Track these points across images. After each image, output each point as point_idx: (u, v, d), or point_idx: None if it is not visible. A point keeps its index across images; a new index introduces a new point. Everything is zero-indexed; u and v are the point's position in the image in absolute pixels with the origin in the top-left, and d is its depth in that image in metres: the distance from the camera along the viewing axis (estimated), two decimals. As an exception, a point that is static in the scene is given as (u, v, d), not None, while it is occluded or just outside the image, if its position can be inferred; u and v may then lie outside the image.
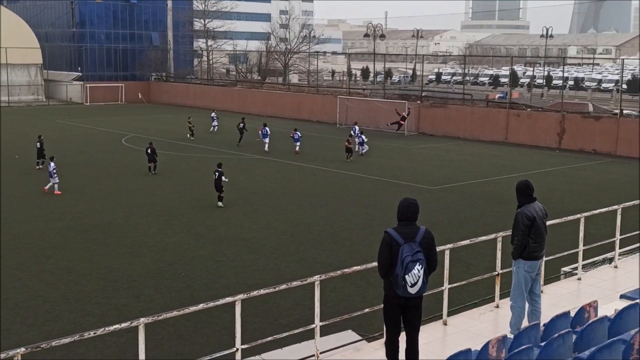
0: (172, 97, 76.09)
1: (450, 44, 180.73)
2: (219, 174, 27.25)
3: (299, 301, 16.54)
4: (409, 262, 7.38)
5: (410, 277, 7.40)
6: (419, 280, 7.44)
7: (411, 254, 7.41)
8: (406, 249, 7.43)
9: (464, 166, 38.11)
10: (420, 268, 7.43)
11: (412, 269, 7.39)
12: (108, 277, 18.83)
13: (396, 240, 7.50)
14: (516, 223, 9.20)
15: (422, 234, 7.56)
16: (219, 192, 27.33)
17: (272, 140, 43.18)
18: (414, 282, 7.42)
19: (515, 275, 9.29)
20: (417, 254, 7.43)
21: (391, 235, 7.55)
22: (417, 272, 7.41)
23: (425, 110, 53.01)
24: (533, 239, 9.09)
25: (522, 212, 9.14)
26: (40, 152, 34.90)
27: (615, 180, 34.59)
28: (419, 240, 7.51)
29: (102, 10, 79.89)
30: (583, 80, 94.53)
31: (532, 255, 9.13)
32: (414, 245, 7.45)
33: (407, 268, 7.39)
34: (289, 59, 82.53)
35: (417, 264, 7.41)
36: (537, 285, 9.40)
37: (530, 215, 9.05)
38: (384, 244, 7.60)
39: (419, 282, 7.44)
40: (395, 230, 7.58)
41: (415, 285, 7.44)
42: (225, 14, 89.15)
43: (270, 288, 8.61)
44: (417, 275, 7.41)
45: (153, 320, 7.14)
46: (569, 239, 14.37)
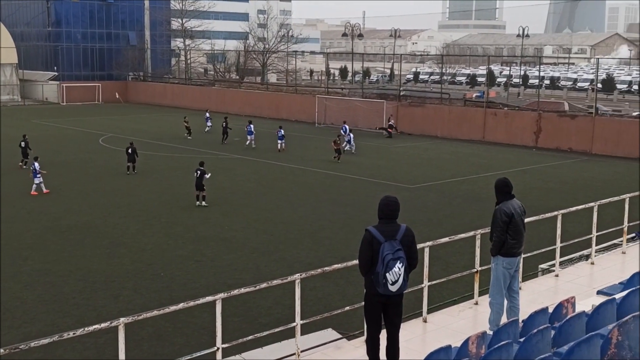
0: (150, 97, 75.66)
1: (428, 43, 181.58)
2: (200, 172, 27.07)
3: (279, 300, 16.53)
4: (389, 260, 7.38)
5: (391, 275, 7.40)
6: (400, 278, 7.44)
7: (392, 252, 7.41)
8: (387, 247, 7.43)
9: (442, 165, 38.31)
10: (401, 266, 7.43)
11: (393, 267, 7.39)
12: (86, 278, 18.69)
13: (377, 238, 7.49)
14: (494, 219, 9.27)
15: (402, 232, 7.56)
16: (200, 190, 27.17)
17: (245, 141, 43.20)
18: (395, 280, 7.42)
19: (494, 271, 9.36)
20: (397, 252, 7.43)
21: (372, 233, 7.55)
22: (398, 270, 7.41)
23: (404, 110, 53.20)
24: (511, 235, 9.16)
25: (500, 208, 9.21)
26: (24, 151, 34.79)
27: (591, 178, 34.97)
28: (399, 238, 7.50)
29: (78, 10, 79.19)
30: (559, 79, 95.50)
31: (510, 252, 9.20)
32: (395, 244, 7.45)
33: (388, 266, 7.39)
34: (267, 59, 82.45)
35: (398, 262, 7.41)
36: (515, 282, 9.47)
37: (509, 212, 9.12)
38: (364, 242, 7.59)
39: (399, 280, 7.44)
40: (376, 229, 7.58)
41: (396, 283, 7.45)
42: (203, 14, 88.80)
43: (250, 287, 8.60)
44: (398, 274, 7.42)
45: (133, 320, 7.10)
46: (546, 237, 14.53)
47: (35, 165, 29.13)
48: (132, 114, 64.86)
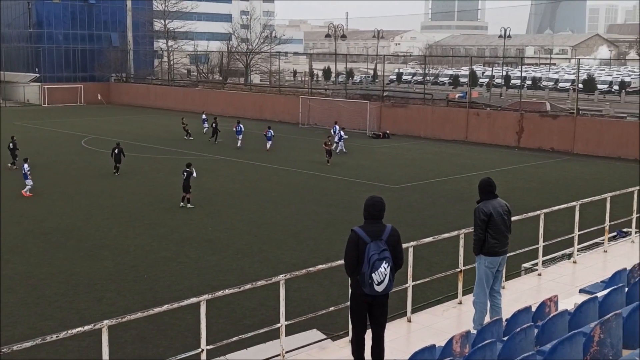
0: (133, 98, 75.29)
1: (411, 44, 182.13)
2: (187, 173, 26.99)
3: (263, 301, 16.51)
4: (375, 260, 7.38)
5: (376, 275, 7.40)
6: (385, 278, 7.44)
7: (377, 252, 7.41)
8: (373, 247, 7.43)
9: (425, 165, 38.44)
10: (387, 266, 7.43)
11: (379, 267, 7.39)
12: (68, 281, 18.56)
13: (363, 238, 7.49)
14: (474, 218, 9.34)
15: (388, 232, 7.56)
16: (186, 192, 27.07)
17: (234, 142, 43.12)
18: (381, 280, 7.42)
19: (477, 270, 9.41)
20: (383, 252, 7.43)
21: (357, 233, 7.55)
22: (384, 270, 7.41)
23: (387, 110, 53.32)
24: (492, 234, 9.20)
25: (479, 207, 9.29)
26: (12, 152, 34.80)
27: (573, 178, 35.23)
28: (385, 239, 7.51)
29: (59, 11, 78.64)
30: (540, 79, 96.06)
31: (492, 251, 9.24)
32: (381, 244, 7.45)
33: (374, 266, 7.38)
34: (251, 60, 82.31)
35: (384, 262, 7.41)
36: (497, 282, 9.51)
37: (487, 211, 9.17)
38: (350, 242, 7.59)
39: (385, 280, 7.44)
40: (362, 229, 7.58)
41: (382, 284, 7.44)
42: (186, 15, 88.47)
43: (235, 288, 8.58)
44: (384, 274, 7.42)
45: (116, 323, 7.06)
46: (529, 236, 14.57)
47: (25, 166, 29.06)
48: (114, 115, 64.51)
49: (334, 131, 43.05)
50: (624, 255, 13.34)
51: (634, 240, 14.66)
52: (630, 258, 12.65)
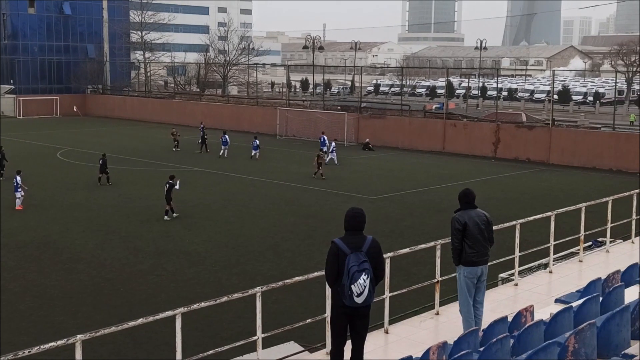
0: (109, 110, 74.82)
1: (388, 55, 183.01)
2: (169, 185, 27.13)
3: (240, 314, 16.41)
4: (354, 272, 7.35)
5: (356, 287, 7.36)
6: (365, 289, 7.39)
7: (357, 263, 7.38)
8: (352, 258, 7.40)
9: (403, 176, 38.57)
10: (366, 278, 7.39)
11: (358, 278, 7.35)
12: (43, 295, 18.33)
13: (342, 250, 7.46)
14: (451, 229, 9.39)
15: (368, 243, 7.53)
16: (167, 203, 27.12)
17: (211, 153, 43.02)
18: (360, 292, 7.38)
19: (458, 281, 9.45)
20: (363, 263, 7.40)
21: (338, 245, 7.53)
22: (363, 282, 7.36)
23: (365, 121, 53.49)
24: (469, 244, 9.24)
25: (454, 217, 9.35)
26: (0, 163, 35.38)
27: (549, 188, 35.53)
28: (365, 250, 7.47)
29: (35, 22, 78.09)
30: (516, 91, 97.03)
31: (470, 261, 9.28)
32: (361, 255, 7.42)
33: (353, 278, 7.35)
34: (228, 71, 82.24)
35: (363, 273, 7.37)
36: (479, 293, 9.53)
37: (462, 221, 9.22)
38: (330, 253, 7.56)
39: (365, 292, 7.40)
40: (342, 240, 7.56)
41: (362, 295, 7.40)
42: (163, 26, 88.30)
43: (211, 301, 8.51)
44: (363, 285, 7.37)
45: (91, 337, 6.97)
46: (506, 246, 14.66)
47: (17, 179, 28.99)
48: (90, 127, 64.03)
49: (321, 142, 43.06)
50: (599, 265, 13.46)
51: (608, 250, 14.80)
52: (605, 267, 12.77)
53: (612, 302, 8.32)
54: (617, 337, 6.61)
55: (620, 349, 6.20)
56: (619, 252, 14.71)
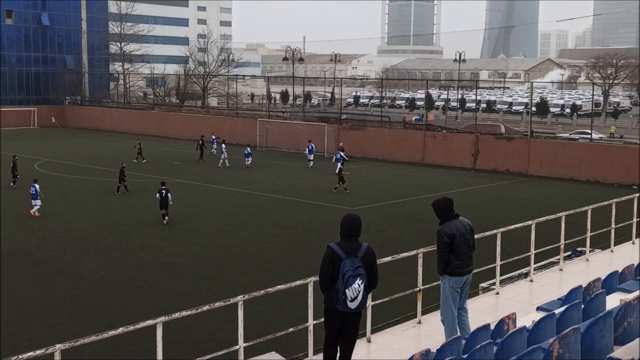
0: (88, 121, 74.33)
1: (368, 68, 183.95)
2: (165, 191, 28.18)
3: (221, 325, 16.29)
4: (349, 276, 7.45)
5: (350, 291, 7.47)
6: (359, 295, 7.50)
7: (352, 268, 7.48)
8: (348, 263, 7.50)
9: (383, 187, 38.63)
10: (361, 283, 7.50)
11: (353, 283, 7.46)
12: (21, 307, 18.07)
13: (338, 254, 7.57)
14: (437, 241, 9.32)
15: (364, 250, 7.65)
16: (166, 209, 28.07)
17: (190, 164, 42.81)
18: (354, 297, 7.48)
19: (442, 290, 9.41)
20: (358, 269, 7.50)
21: (333, 249, 7.62)
22: (358, 286, 7.48)
23: (345, 133, 53.58)
24: (455, 256, 9.17)
25: (442, 230, 9.25)
26: (12, 172, 35.98)
27: (528, 199, 35.76)
28: (360, 256, 7.59)
29: (13, 33, 77.48)
30: (495, 103, 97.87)
31: (456, 272, 9.25)
32: (356, 261, 7.53)
33: (348, 282, 7.45)
34: (208, 83, 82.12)
35: (358, 278, 7.48)
36: (462, 300, 9.54)
37: (450, 233, 9.16)
38: (326, 258, 7.64)
39: (358, 297, 7.51)
40: (338, 245, 7.66)
41: (355, 300, 7.50)
42: (142, 38, 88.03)
43: (192, 309, 8.43)
44: (358, 290, 7.48)
45: (69, 347, 6.86)
46: (486, 256, 14.69)
47: (35, 187, 29.51)
48: (69, 138, 63.54)
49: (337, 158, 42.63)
50: (579, 273, 13.55)
51: (588, 259, 14.90)
52: (586, 275, 12.84)
53: (593, 308, 8.36)
54: (600, 342, 6.64)
55: (604, 354, 6.22)
56: (598, 260, 14.82)
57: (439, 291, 9.65)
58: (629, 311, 7.28)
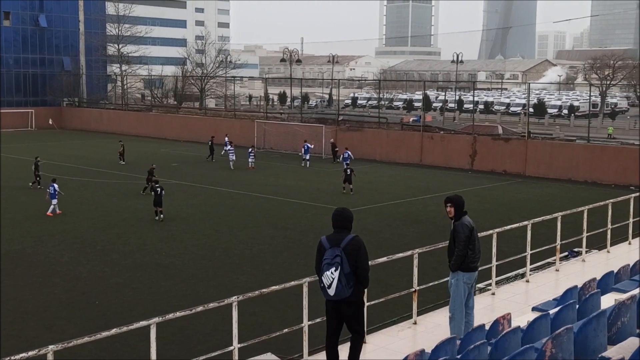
0: (85, 123, 74.27)
1: (365, 69, 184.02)
2: (160, 189, 28.80)
3: (217, 326, 16.28)
4: (325, 264, 7.93)
5: (324, 278, 7.92)
6: (333, 282, 7.84)
7: (330, 257, 7.91)
8: (328, 253, 7.96)
9: (381, 188, 38.63)
10: (334, 271, 7.85)
11: (326, 270, 7.90)
12: (17, 309, 18.05)
13: (323, 245, 8.10)
14: (457, 235, 9.32)
15: (347, 240, 8.01)
16: (160, 207, 28.71)
17: (188, 166, 42.78)
18: (329, 284, 7.88)
19: (455, 287, 9.42)
20: (335, 258, 7.88)
21: (321, 241, 8.19)
22: (330, 274, 7.87)
23: (342, 134, 53.58)
24: (471, 249, 9.30)
25: (461, 223, 9.30)
26: (34, 173, 36.21)
27: (525, 200, 35.78)
28: (342, 246, 7.95)
29: (10, 35, 77.43)
30: (492, 104, 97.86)
31: (470, 267, 9.37)
32: (337, 250, 7.92)
33: (322, 270, 7.96)
34: (206, 84, 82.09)
35: (333, 267, 7.86)
36: (470, 299, 9.59)
37: (470, 226, 9.27)
38: (317, 249, 8.21)
39: (333, 284, 7.86)
40: (327, 237, 8.17)
41: (331, 287, 7.88)
42: (140, 39, 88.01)
43: (186, 310, 8.43)
44: (331, 277, 7.86)
45: (63, 348, 6.85)
46: (483, 257, 14.75)
47: (54, 186, 29.83)
48: (66, 140, 63.49)
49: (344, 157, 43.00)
50: (575, 274, 13.56)
51: (584, 259, 14.91)
52: (581, 276, 12.85)
53: (588, 308, 8.36)
54: (594, 342, 6.64)
55: (597, 354, 6.22)
56: (594, 261, 14.83)
57: (448, 289, 9.65)
58: (623, 311, 7.29)
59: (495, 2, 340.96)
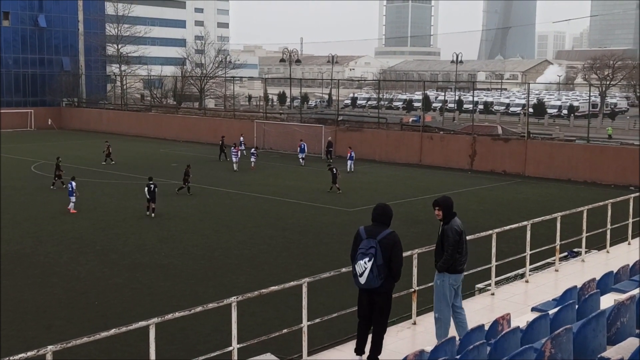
0: (85, 123, 74.25)
1: (365, 69, 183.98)
2: (154, 186, 29.36)
3: (217, 327, 16.27)
4: (359, 254, 8.33)
5: (357, 266, 8.33)
6: (365, 271, 8.25)
7: (365, 248, 8.31)
8: (364, 243, 8.36)
9: (380, 188, 38.62)
10: (368, 261, 8.24)
11: (360, 260, 8.30)
12: (16, 309, 18.03)
13: (360, 235, 8.50)
14: (446, 238, 9.32)
15: (384, 234, 8.38)
16: (153, 203, 29.28)
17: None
18: (361, 272, 8.29)
19: (440, 288, 9.42)
20: (370, 249, 8.28)
21: (359, 231, 8.59)
22: (364, 263, 8.27)
23: (342, 134, 53.58)
24: (459, 252, 9.30)
25: (451, 226, 9.29)
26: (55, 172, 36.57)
27: (525, 200, 35.78)
28: (378, 239, 8.32)
29: (9, 35, 77.41)
30: (492, 104, 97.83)
31: (457, 269, 9.36)
32: (372, 242, 8.32)
33: (356, 259, 8.36)
34: (205, 84, 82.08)
35: (367, 257, 8.26)
36: (458, 298, 9.59)
37: (459, 230, 9.28)
38: (354, 237, 8.60)
39: (365, 273, 8.26)
40: (364, 228, 8.56)
41: (363, 276, 8.29)
42: (139, 39, 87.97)
43: (185, 310, 8.42)
44: (363, 267, 8.27)
45: (62, 348, 6.83)
46: (482, 257, 14.75)
47: (72, 184, 30.31)
48: (65, 140, 63.46)
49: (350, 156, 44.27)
50: (575, 274, 13.54)
51: (584, 259, 14.90)
52: (581, 276, 12.83)
53: (587, 309, 8.35)
54: (593, 342, 6.63)
55: (596, 354, 6.21)
56: (594, 261, 14.82)
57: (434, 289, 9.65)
58: (622, 311, 7.28)
59: (495, 2, 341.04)
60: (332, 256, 23.06)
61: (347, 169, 43.83)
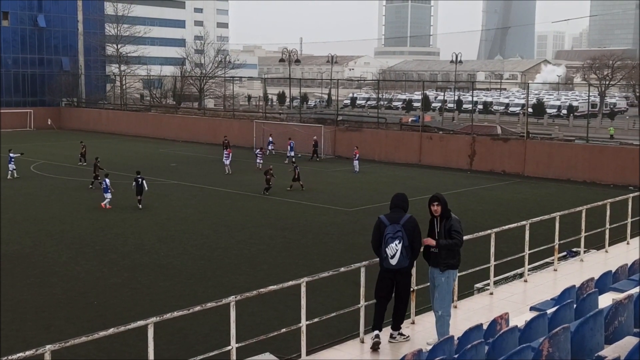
0: (84, 123, 74.24)
1: (364, 69, 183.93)
2: (141, 179, 30.61)
3: (216, 327, 16.26)
4: (389, 237, 9.18)
5: (389, 249, 9.16)
6: (397, 253, 9.13)
7: (393, 232, 9.18)
8: (390, 229, 9.23)
9: (379, 188, 38.61)
10: (398, 243, 9.15)
11: (391, 243, 9.16)
12: (15, 309, 18.04)
13: (383, 222, 9.34)
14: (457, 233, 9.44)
15: (406, 218, 9.31)
16: (140, 195, 30.67)
17: (188, 166, 42.69)
18: (392, 255, 9.15)
19: (447, 285, 9.50)
20: (397, 232, 9.16)
21: (380, 218, 9.42)
22: (395, 246, 9.15)
23: (341, 134, 53.60)
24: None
25: (455, 218, 9.52)
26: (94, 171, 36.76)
27: (524, 200, 35.79)
28: (402, 223, 9.23)
29: (9, 35, 77.40)
30: (491, 104, 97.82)
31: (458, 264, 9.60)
32: (397, 226, 9.21)
33: (387, 242, 9.18)
34: (205, 84, 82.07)
35: (397, 240, 9.16)
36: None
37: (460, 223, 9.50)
38: (375, 226, 9.44)
39: (397, 255, 9.14)
40: (385, 216, 9.39)
41: (394, 257, 9.15)
42: (139, 39, 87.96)
43: (184, 310, 8.42)
44: (395, 249, 9.15)
45: (60, 347, 6.83)
46: (481, 256, 14.77)
47: (106, 181, 31.10)
48: (65, 140, 63.41)
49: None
50: (573, 273, 13.55)
51: (582, 259, 14.90)
52: (580, 276, 12.84)
53: (586, 308, 8.36)
54: (591, 341, 6.63)
55: (594, 353, 6.22)
56: (592, 260, 14.82)
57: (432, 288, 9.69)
58: (620, 310, 7.29)
59: (495, 2, 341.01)
60: (331, 256, 23.07)
61: (355, 170, 44.14)
